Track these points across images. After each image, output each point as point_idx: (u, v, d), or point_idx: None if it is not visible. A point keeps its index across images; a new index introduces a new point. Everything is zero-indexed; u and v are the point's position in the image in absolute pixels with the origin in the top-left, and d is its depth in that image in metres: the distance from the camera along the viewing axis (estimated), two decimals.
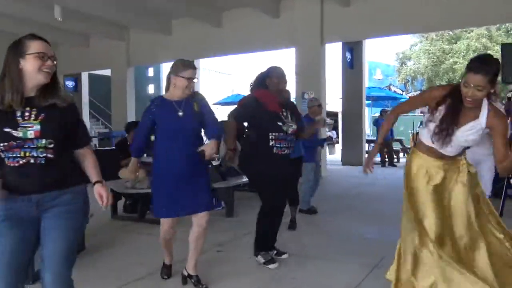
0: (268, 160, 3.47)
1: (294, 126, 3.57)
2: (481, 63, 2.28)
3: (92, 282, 3.26)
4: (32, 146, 1.85)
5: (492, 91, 2.36)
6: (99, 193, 2.00)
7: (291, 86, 10.54)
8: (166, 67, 31.21)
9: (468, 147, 2.62)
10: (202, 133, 3.14)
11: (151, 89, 41.02)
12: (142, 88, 40.52)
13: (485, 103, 2.39)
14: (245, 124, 3.69)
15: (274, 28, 10.16)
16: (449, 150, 2.51)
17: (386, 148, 12.45)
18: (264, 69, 3.68)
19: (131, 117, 12.03)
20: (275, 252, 3.78)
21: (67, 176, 1.96)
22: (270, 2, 9.93)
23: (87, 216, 2.06)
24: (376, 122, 12.66)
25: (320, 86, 9.79)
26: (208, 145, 2.98)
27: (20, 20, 9.90)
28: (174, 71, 2.99)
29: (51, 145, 1.88)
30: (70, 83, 15.31)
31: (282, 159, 3.52)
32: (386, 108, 13.32)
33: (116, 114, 13.02)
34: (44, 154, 1.87)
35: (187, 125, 2.97)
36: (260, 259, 3.59)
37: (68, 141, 1.98)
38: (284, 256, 3.78)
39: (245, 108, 3.56)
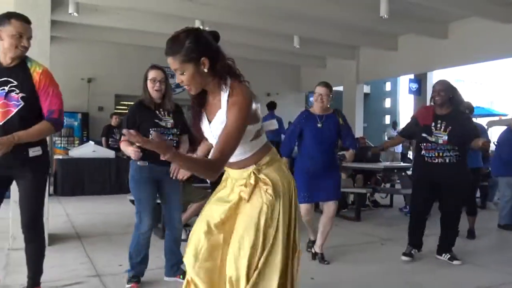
0: (419, 166, 4.08)
1: (445, 137, 3.81)
2: (167, 45, 1.78)
3: None
4: None
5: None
6: None
7: None
8: (403, 81, 31.06)
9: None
10: None
11: (387, 103, 40.53)
12: (378, 102, 40.58)
13: (227, 84, 1.81)
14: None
15: (505, 34, 9.51)
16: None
17: None
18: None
19: (359, 129, 13.02)
20: (448, 256, 3.98)
21: None
22: (500, 8, 9.37)
23: None
24: None
25: None
26: (348, 153, 3.96)
27: (263, 49, 12.24)
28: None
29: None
30: (311, 99, 17.35)
31: (435, 167, 3.87)
32: None
33: None
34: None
35: (324, 134, 3.82)
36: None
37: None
38: (455, 262, 3.91)
39: (408, 126, 4.34)
